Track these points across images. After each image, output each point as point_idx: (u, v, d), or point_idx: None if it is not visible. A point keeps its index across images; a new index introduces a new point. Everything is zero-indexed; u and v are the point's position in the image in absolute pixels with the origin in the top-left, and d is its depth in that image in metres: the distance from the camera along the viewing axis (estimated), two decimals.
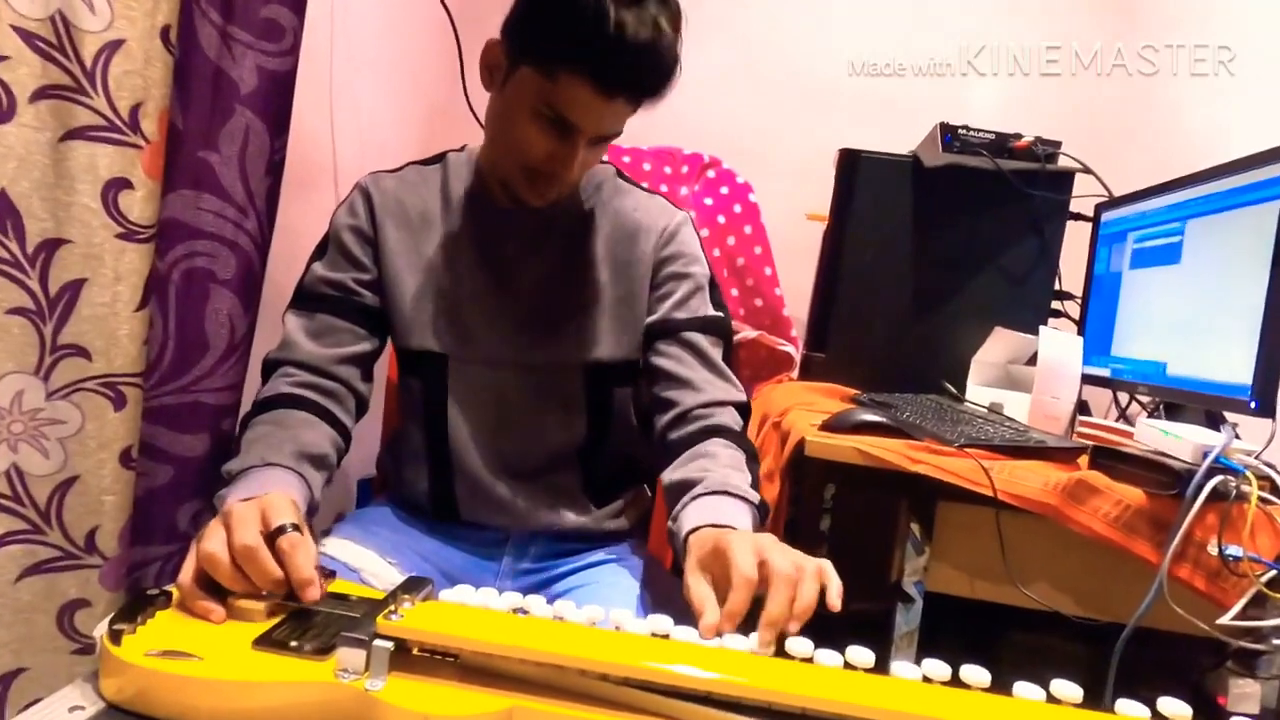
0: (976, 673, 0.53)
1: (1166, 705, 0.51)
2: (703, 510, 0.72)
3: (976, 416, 1.11)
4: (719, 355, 0.90)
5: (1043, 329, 1.20)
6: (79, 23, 0.70)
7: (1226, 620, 0.75)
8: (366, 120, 1.50)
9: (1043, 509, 0.86)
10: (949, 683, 0.52)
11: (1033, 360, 1.22)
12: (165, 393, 0.85)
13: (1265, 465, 0.79)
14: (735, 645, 0.56)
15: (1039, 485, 0.87)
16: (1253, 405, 0.91)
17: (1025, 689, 0.51)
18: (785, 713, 0.49)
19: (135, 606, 0.56)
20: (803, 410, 1.11)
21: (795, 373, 1.49)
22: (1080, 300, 1.38)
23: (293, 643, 0.53)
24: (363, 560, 0.83)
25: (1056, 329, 1.23)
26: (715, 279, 0.95)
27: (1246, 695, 0.82)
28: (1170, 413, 1.10)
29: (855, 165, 1.36)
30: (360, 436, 0.90)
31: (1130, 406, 1.31)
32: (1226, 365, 0.97)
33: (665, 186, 1.54)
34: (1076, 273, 1.38)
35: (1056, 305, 1.40)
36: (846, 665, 0.53)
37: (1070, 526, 0.84)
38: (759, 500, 0.76)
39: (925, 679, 0.52)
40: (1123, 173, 1.33)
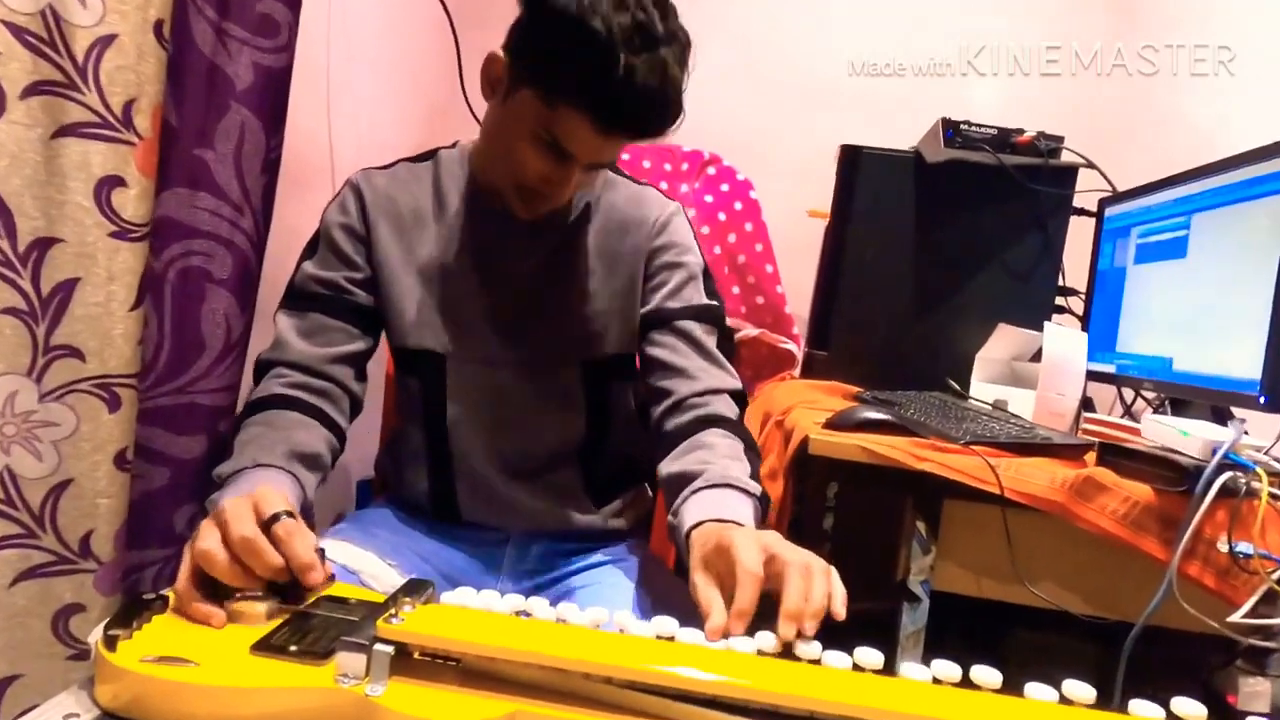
0: (987, 673, 0.52)
1: (1181, 705, 0.50)
2: (703, 505, 0.71)
3: (981, 414, 1.11)
4: (713, 343, 0.90)
5: (1048, 325, 1.19)
6: (70, 17, 0.69)
7: (1237, 618, 0.74)
8: (364, 118, 1.50)
9: (1050, 507, 0.85)
10: (959, 684, 0.51)
11: (1037, 357, 1.21)
12: (161, 394, 0.84)
13: (1276, 461, 0.78)
14: (741, 647, 0.55)
15: (1046, 483, 0.86)
16: (1262, 400, 0.91)
17: (1037, 690, 0.50)
18: (793, 716, 0.48)
19: (131, 611, 0.55)
20: (805, 408, 1.10)
21: (797, 371, 1.49)
22: (1084, 296, 1.37)
23: (291, 647, 0.53)
24: (362, 562, 0.82)
25: (1060, 325, 1.22)
26: (709, 268, 0.94)
27: (1257, 694, 0.81)
28: (1176, 409, 1.10)
29: (856, 161, 1.35)
30: (361, 437, 0.90)
31: (1135, 403, 1.30)
32: (1235, 360, 0.96)
33: (665, 184, 1.54)
34: (1080, 268, 1.38)
35: (1060, 301, 1.39)
36: (855, 667, 0.52)
37: (1078, 524, 0.84)
38: (760, 492, 0.75)
39: (935, 680, 0.51)
40: (1123, 172, 1.33)
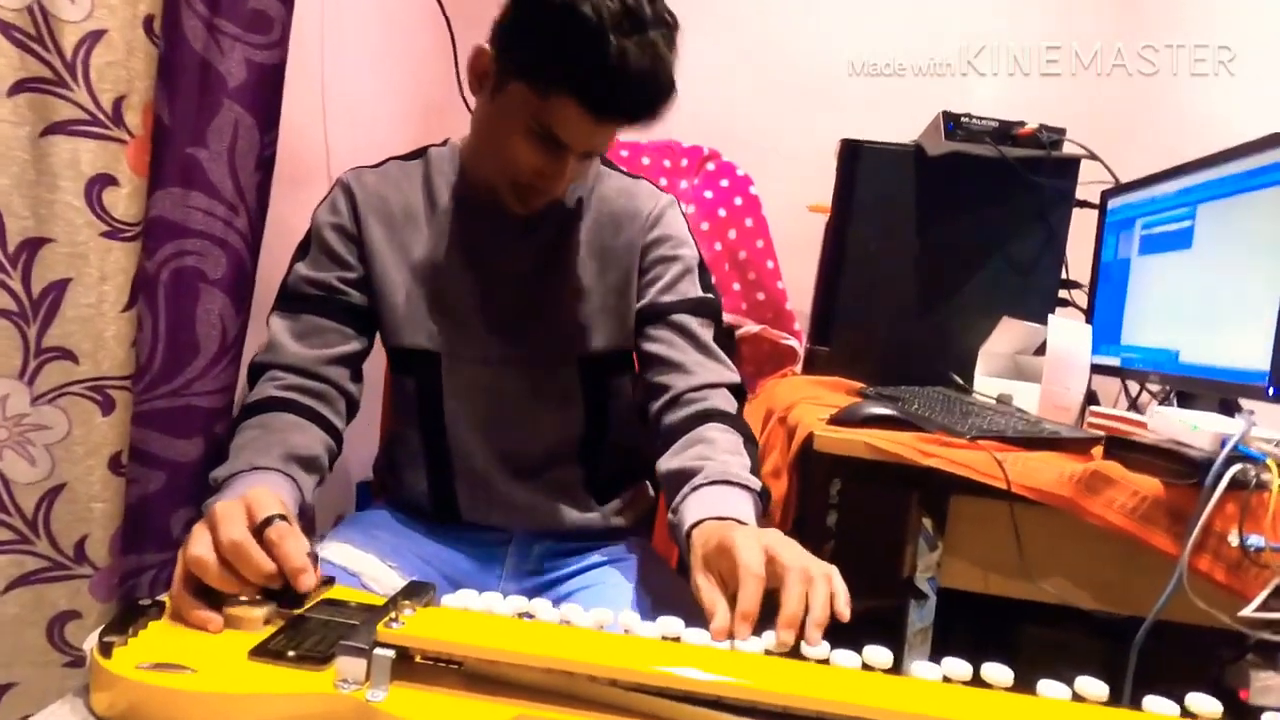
0: (999, 671, 0.51)
1: (1196, 702, 0.49)
2: (704, 502, 0.71)
3: (986, 408, 1.10)
4: (710, 337, 0.89)
5: (1052, 318, 1.18)
6: (58, 12, 0.68)
7: (1248, 612, 0.74)
8: (360, 115, 1.49)
9: (1058, 501, 0.85)
10: (970, 682, 0.51)
11: (1041, 350, 1.21)
12: (156, 396, 0.83)
13: None
14: (748, 647, 0.54)
15: (1054, 477, 0.86)
16: (1271, 392, 0.90)
17: (1050, 687, 0.50)
18: (803, 717, 0.47)
19: (126, 617, 0.54)
20: (809, 405, 1.10)
21: (799, 367, 1.48)
22: (1087, 289, 1.36)
23: (290, 652, 0.52)
24: (362, 564, 0.82)
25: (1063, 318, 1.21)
26: (704, 261, 0.93)
27: (1269, 688, 0.81)
28: (1183, 401, 1.09)
29: (857, 155, 1.34)
30: (360, 438, 0.89)
31: (1140, 396, 1.29)
32: (1242, 351, 0.95)
33: (665, 180, 1.53)
34: (1082, 261, 1.37)
35: (1063, 294, 1.39)
36: (864, 666, 0.52)
37: (1087, 519, 0.83)
38: (760, 486, 0.75)
39: (946, 679, 0.51)
40: (1124, 168, 1.32)
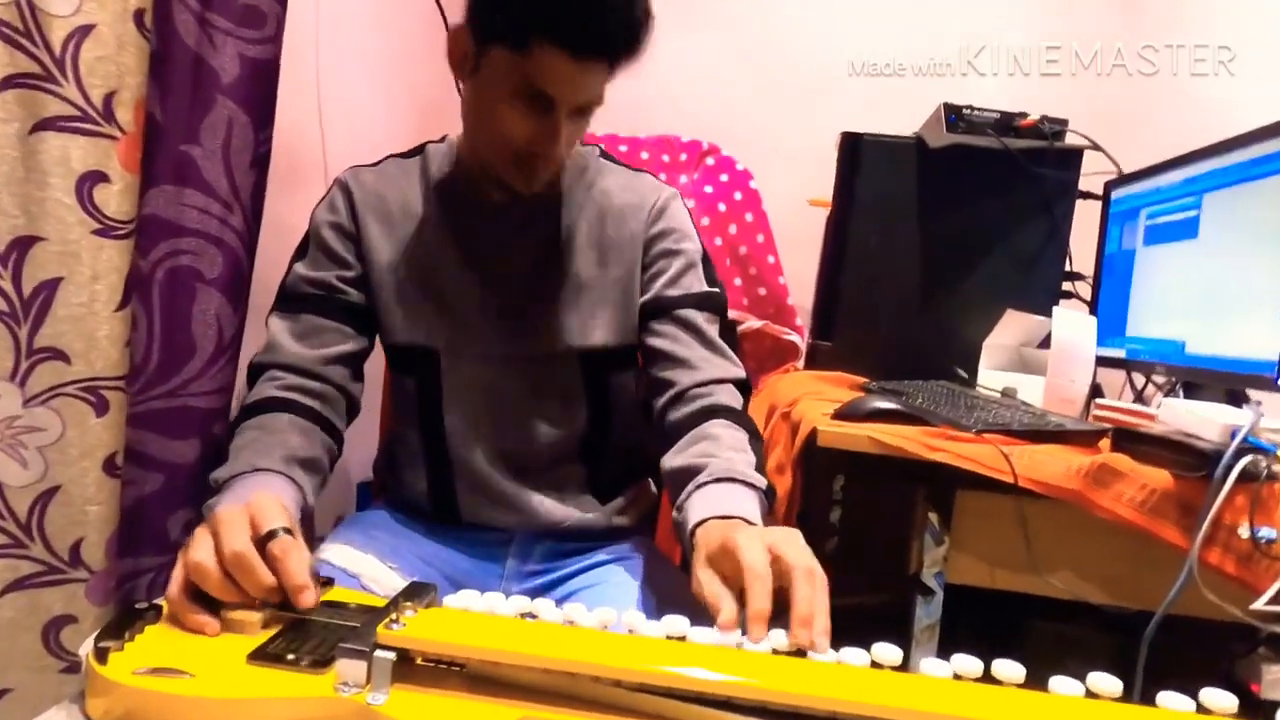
0: (1010, 668, 0.50)
1: (1210, 697, 0.48)
2: (708, 500, 0.70)
3: (991, 401, 1.09)
4: (715, 332, 0.88)
5: (1056, 310, 1.17)
6: (46, 7, 0.67)
7: (1259, 605, 0.73)
8: (357, 112, 1.48)
9: (1066, 495, 0.84)
10: (980, 679, 0.50)
11: (1045, 342, 1.20)
12: (152, 397, 0.83)
13: None
14: (755, 646, 0.53)
15: (1061, 470, 0.85)
16: (1279, 382, 0.89)
17: (1062, 683, 0.49)
18: (813, 716, 0.46)
19: (123, 622, 0.54)
20: (812, 400, 1.09)
21: (801, 362, 1.47)
22: (1091, 280, 1.35)
23: (289, 656, 0.51)
24: (362, 565, 0.81)
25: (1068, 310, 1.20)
26: (708, 254, 0.92)
27: None
28: (1189, 392, 1.08)
29: (858, 149, 1.34)
30: (360, 439, 0.88)
31: (1146, 388, 1.28)
32: (1250, 341, 0.95)
33: (664, 175, 1.51)
34: (1086, 253, 1.36)
35: (1067, 286, 1.38)
36: (873, 664, 0.51)
37: (1095, 512, 0.82)
38: (765, 484, 0.74)
39: (956, 676, 0.50)
40: (1124, 167, 1.31)
